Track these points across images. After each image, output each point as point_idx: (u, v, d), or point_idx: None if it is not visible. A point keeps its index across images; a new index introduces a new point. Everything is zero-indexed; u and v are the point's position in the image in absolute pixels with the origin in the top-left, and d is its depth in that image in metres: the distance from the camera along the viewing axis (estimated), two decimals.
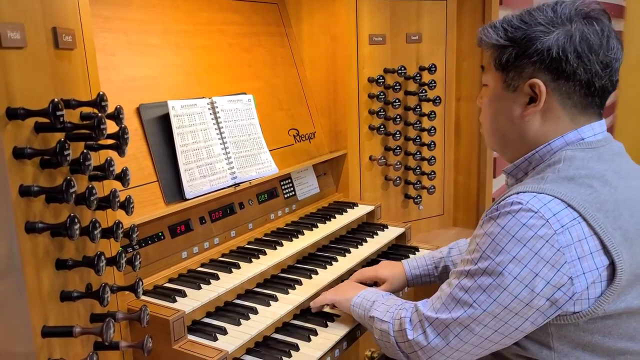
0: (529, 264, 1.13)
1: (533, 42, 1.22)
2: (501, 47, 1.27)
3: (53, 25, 1.12)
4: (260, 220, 2.14)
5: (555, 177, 1.20)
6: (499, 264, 1.16)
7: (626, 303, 1.15)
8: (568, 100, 1.24)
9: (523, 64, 1.24)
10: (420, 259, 1.87)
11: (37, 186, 1.01)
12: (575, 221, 1.13)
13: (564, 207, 1.14)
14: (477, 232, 1.26)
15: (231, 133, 2.00)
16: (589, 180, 1.18)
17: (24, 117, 0.99)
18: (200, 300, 1.60)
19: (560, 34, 1.20)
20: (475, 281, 1.20)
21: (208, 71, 2.07)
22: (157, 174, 1.75)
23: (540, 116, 1.27)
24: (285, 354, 1.53)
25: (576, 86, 1.22)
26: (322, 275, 1.90)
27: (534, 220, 1.13)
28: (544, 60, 1.21)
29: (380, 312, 1.46)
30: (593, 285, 1.13)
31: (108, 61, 1.70)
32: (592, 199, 1.15)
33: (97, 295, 1.16)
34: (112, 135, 1.20)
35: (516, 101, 1.29)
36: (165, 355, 1.47)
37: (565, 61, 1.19)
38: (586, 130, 1.26)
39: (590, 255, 1.12)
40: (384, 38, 2.50)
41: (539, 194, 1.16)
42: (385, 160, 2.57)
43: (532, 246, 1.12)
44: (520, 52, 1.24)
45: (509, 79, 1.28)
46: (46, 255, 1.07)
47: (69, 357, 1.12)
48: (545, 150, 1.28)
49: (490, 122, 1.38)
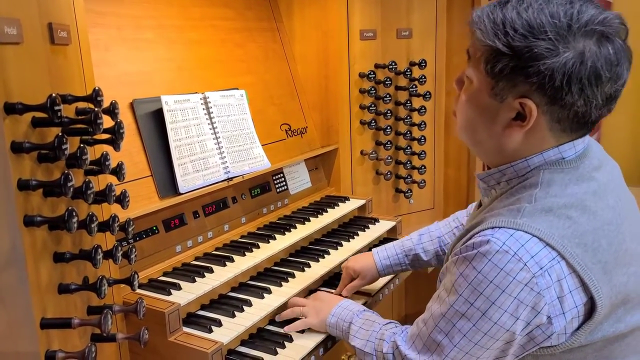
0: (509, 308, 1.08)
1: (536, 60, 1.04)
2: (497, 52, 1.08)
3: (49, 21, 1.13)
4: (253, 214, 2.16)
5: (532, 209, 1.11)
6: (478, 308, 1.11)
7: (602, 332, 1.13)
8: (557, 124, 1.12)
9: (518, 80, 1.08)
10: (390, 248, 1.84)
11: (35, 180, 1.02)
12: (554, 261, 1.07)
13: (542, 246, 1.07)
14: (451, 268, 1.18)
15: (224, 128, 2.01)
16: (567, 211, 1.10)
17: (22, 112, 1.00)
18: (195, 293, 1.62)
19: (569, 57, 1.03)
20: (454, 325, 1.15)
21: (201, 66, 2.08)
22: (151, 169, 1.77)
23: (524, 134, 1.14)
24: (279, 345, 1.56)
25: (570, 115, 1.10)
26: (314, 269, 1.93)
27: (512, 264, 1.06)
28: (543, 85, 1.05)
29: (361, 341, 1.43)
30: (571, 322, 1.10)
31: (101, 56, 1.71)
32: (570, 233, 1.08)
33: (95, 288, 1.18)
34: (108, 130, 1.21)
35: (500, 112, 1.14)
36: (160, 347, 1.49)
37: (567, 92, 1.05)
38: (567, 148, 1.16)
39: (569, 294, 1.08)
40: (374, 33, 2.53)
41: (516, 232, 1.08)
42: (376, 154, 2.60)
43: (511, 292, 1.07)
44: (519, 66, 1.06)
45: (497, 88, 1.12)
46: (44, 248, 1.09)
47: (67, 348, 1.13)
48: (521, 166, 1.18)
49: (466, 121, 1.23)
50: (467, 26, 1.17)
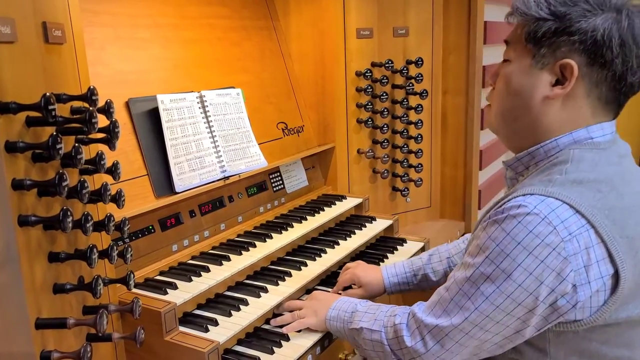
0: (535, 272, 1.09)
1: (578, 19, 1.13)
2: (539, 19, 1.17)
3: (43, 20, 1.13)
4: (250, 213, 2.16)
5: (563, 179, 1.15)
6: (503, 270, 1.12)
7: (627, 313, 1.14)
8: (595, 89, 1.17)
9: (560, 42, 1.15)
10: (399, 266, 1.82)
11: (29, 180, 1.02)
12: (584, 228, 1.09)
13: (572, 213, 1.10)
14: (479, 233, 1.20)
15: (220, 127, 2.01)
16: (597, 185, 1.14)
17: (16, 112, 1.00)
18: (191, 292, 1.61)
19: (608, 17, 1.13)
20: (478, 287, 1.16)
21: (197, 65, 2.07)
22: (147, 168, 1.76)
23: (562, 102, 1.20)
24: (276, 344, 1.55)
25: (608, 77, 1.15)
26: (311, 267, 1.93)
27: (541, 227, 1.08)
28: (584, 41, 1.13)
29: (368, 322, 1.41)
30: (597, 294, 1.11)
31: (97, 55, 1.70)
32: (600, 205, 1.11)
33: (90, 288, 1.17)
34: (103, 129, 1.21)
35: (541, 80, 1.20)
36: (157, 346, 1.49)
37: (608, 47, 1.12)
38: (596, 129, 1.20)
39: (596, 264, 1.09)
40: (371, 32, 2.52)
41: (547, 198, 1.11)
42: (373, 153, 2.60)
43: (538, 254, 1.08)
44: (561, 27, 1.14)
45: (539, 54, 1.19)
46: (39, 248, 1.08)
47: (62, 348, 1.13)
48: (550, 146, 1.22)
49: (504, 101, 1.28)
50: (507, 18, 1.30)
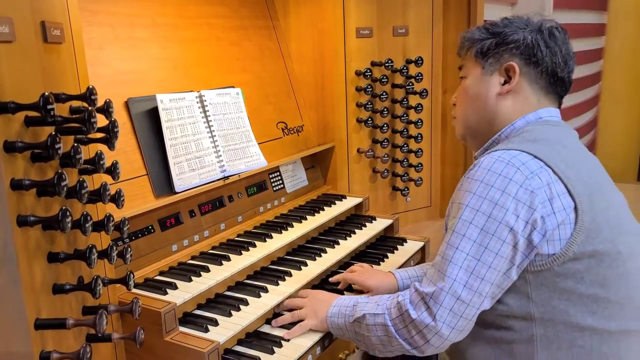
0: (510, 207, 1.26)
1: (511, 34, 1.46)
2: (483, 39, 1.50)
3: (41, 19, 1.12)
4: (250, 213, 2.15)
5: (520, 139, 1.38)
6: (484, 212, 1.29)
7: (593, 246, 1.27)
8: (535, 84, 1.47)
9: (501, 51, 1.47)
10: (410, 270, 1.85)
11: (28, 180, 1.01)
12: (542, 169, 1.29)
13: (530, 157, 1.30)
14: (455, 196, 1.39)
15: (220, 126, 2.01)
16: (549, 143, 1.35)
17: (14, 111, 0.99)
18: (191, 292, 1.61)
19: (532, 31, 1.46)
20: (463, 235, 1.30)
21: (196, 65, 2.07)
22: (147, 168, 1.76)
23: (512, 96, 1.47)
24: (276, 344, 1.55)
25: (542, 72, 1.45)
26: (311, 267, 1.92)
27: (507, 169, 1.28)
28: (519, 47, 1.45)
29: (370, 308, 1.45)
30: (562, 226, 1.27)
31: (95, 55, 1.70)
32: (554, 154, 1.32)
33: (90, 288, 1.17)
34: (102, 128, 1.20)
35: (492, 82, 1.49)
36: (157, 347, 1.48)
37: (537, 48, 1.43)
38: (543, 112, 1.46)
39: (557, 198, 1.27)
40: (371, 31, 2.52)
41: (508, 150, 1.33)
42: (373, 152, 2.59)
43: (510, 191, 1.27)
44: (500, 41, 1.47)
45: (487, 64, 1.49)
46: (38, 248, 1.08)
47: (61, 349, 1.13)
48: (509, 130, 1.47)
49: (466, 108, 1.55)
50: (460, 37, 1.59)
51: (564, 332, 1.31)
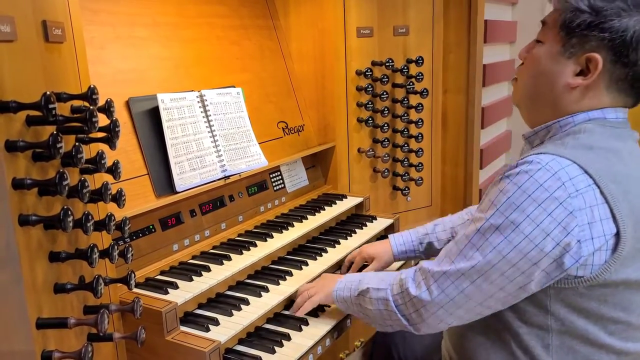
0: (542, 223, 1.15)
1: (612, 17, 1.20)
2: (577, 10, 1.24)
3: (43, 19, 1.12)
4: (251, 212, 2.15)
5: (575, 144, 1.23)
6: (512, 222, 1.18)
7: (626, 275, 1.19)
8: (615, 84, 1.26)
9: (591, 35, 1.22)
10: (406, 235, 1.93)
11: (30, 179, 1.01)
12: (590, 187, 1.16)
13: (580, 172, 1.17)
14: (491, 189, 1.27)
15: (220, 126, 2.01)
16: (605, 153, 1.22)
17: (16, 110, 0.99)
18: (192, 291, 1.61)
19: (638, 21, 1.19)
20: (487, 239, 1.22)
21: (197, 64, 2.07)
22: (147, 167, 1.76)
23: (582, 90, 1.28)
24: (277, 344, 1.55)
25: (629, 75, 1.24)
26: (312, 266, 1.92)
27: (551, 181, 1.15)
28: (614, 40, 1.20)
29: (375, 283, 1.47)
30: (599, 252, 1.16)
31: (96, 54, 1.70)
32: (607, 169, 1.18)
33: (91, 287, 1.17)
34: (104, 128, 1.20)
35: (566, 68, 1.28)
36: (158, 346, 1.48)
37: (634, 49, 1.20)
38: (610, 111, 1.29)
39: (599, 222, 1.15)
40: (371, 31, 2.52)
41: (559, 157, 1.19)
42: (373, 152, 2.59)
43: (546, 207, 1.15)
44: (595, 22, 1.21)
45: (569, 44, 1.26)
46: (39, 247, 1.08)
47: (63, 348, 1.13)
48: (566, 122, 1.31)
49: (530, 79, 1.37)
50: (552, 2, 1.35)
51: (581, 346, 1.26)
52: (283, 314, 1.74)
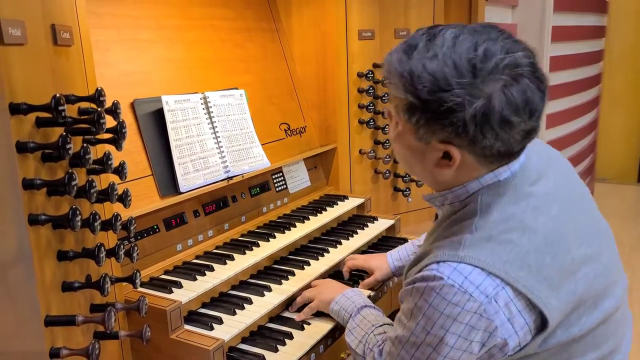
0: (463, 333, 1.11)
1: (447, 114, 1.07)
2: (411, 104, 1.11)
3: (52, 22, 1.15)
4: (253, 213, 2.17)
5: (472, 239, 1.14)
6: (435, 335, 1.14)
7: (556, 339, 1.17)
8: (483, 158, 1.15)
9: (436, 128, 1.11)
10: (402, 250, 1.94)
11: (39, 179, 1.03)
12: (499, 287, 1.10)
13: (485, 276, 1.09)
14: (407, 297, 1.20)
15: (224, 127, 2.03)
16: (507, 235, 1.13)
17: (27, 112, 1.01)
18: (196, 291, 1.63)
19: (478, 107, 1.05)
20: (417, 348, 1.18)
21: (200, 66, 2.09)
22: (152, 168, 1.78)
23: (455, 170, 1.18)
24: (280, 342, 1.57)
25: (493, 151, 1.12)
26: (314, 266, 1.94)
27: (459, 296, 1.09)
28: (458, 134, 1.09)
29: (354, 341, 1.47)
30: (524, 337, 1.14)
31: (102, 57, 1.72)
32: (513, 257, 1.11)
33: (98, 286, 1.19)
34: (110, 129, 1.23)
35: (428, 153, 1.18)
36: (162, 344, 1.50)
37: (483, 137, 1.08)
38: (502, 171, 1.18)
39: (519, 314, 1.11)
40: (373, 33, 2.54)
41: (459, 264, 1.11)
42: (374, 153, 2.61)
43: (462, 319, 1.10)
44: (433, 118, 1.10)
45: (419, 133, 1.15)
46: (48, 246, 1.10)
47: (70, 346, 1.15)
48: (460, 192, 1.22)
49: (400, 157, 1.29)
50: (383, 62, 1.23)
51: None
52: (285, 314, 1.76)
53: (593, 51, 5.87)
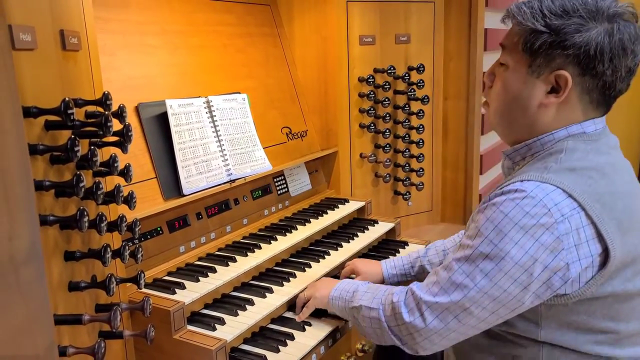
0: (530, 250, 1.18)
1: (572, 34, 1.20)
2: (536, 31, 1.23)
3: (60, 28, 1.17)
4: (255, 215, 2.20)
5: (558, 167, 1.24)
6: (501, 249, 1.20)
7: (612, 287, 1.22)
8: (586, 95, 1.27)
9: (555, 54, 1.23)
10: (398, 259, 1.92)
11: (48, 181, 1.06)
12: (575, 211, 1.18)
13: (565, 197, 1.19)
14: (477, 216, 1.28)
15: (226, 131, 2.06)
16: (588, 172, 1.23)
17: (36, 116, 1.04)
18: (199, 292, 1.65)
19: (600, 31, 1.19)
20: (477, 266, 1.23)
21: (204, 71, 2.12)
22: (156, 171, 1.81)
23: (556, 107, 1.29)
24: (281, 343, 1.59)
25: (599, 85, 1.24)
26: (315, 269, 1.97)
27: (537, 209, 1.17)
28: (578, 55, 1.21)
29: (367, 300, 1.48)
30: (585, 271, 1.19)
31: (107, 61, 1.75)
32: (591, 190, 1.20)
33: (104, 286, 1.21)
34: (117, 132, 1.25)
35: (536, 88, 1.28)
36: (166, 344, 1.53)
37: (599, 60, 1.20)
38: (588, 124, 1.30)
39: (586, 243, 1.18)
40: (373, 39, 2.57)
41: (543, 183, 1.20)
42: (375, 157, 2.64)
43: (533, 233, 1.17)
44: (557, 41, 1.21)
45: (535, 64, 1.26)
46: (56, 247, 1.13)
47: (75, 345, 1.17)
48: (547, 139, 1.31)
49: (502, 104, 1.36)
50: (509, 7, 1.31)
51: (570, 355, 1.29)
52: (287, 315, 1.78)
53: None
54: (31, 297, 0.77)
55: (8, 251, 0.73)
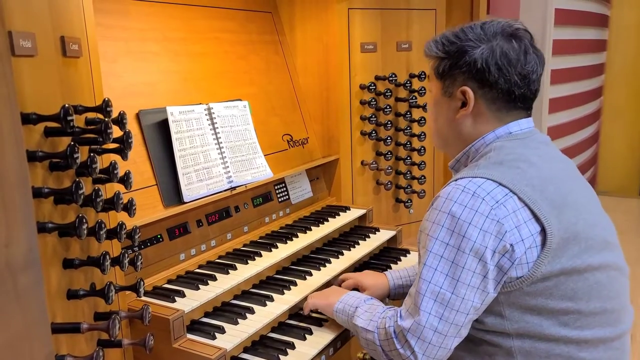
0: (477, 239, 1.27)
1: (463, 55, 1.40)
2: (439, 58, 1.46)
3: (61, 34, 1.17)
4: (256, 223, 2.19)
5: (487, 163, 1.37)
6: (453, 245, 1.30)
7: (561, 265, 1.29)
8: (493, 105, 1.42)
9: (455, 74, 1.43)
10: (403, 270, 1.94)
11: (47, 188, 1.05)
12: (507, 196, 1.29)
13: (495, 185, 1.30)
14: (423, 224, 1.38)
15: (227, 138, 2.05)
16: (515, 163, 1.34)
17: (36, 122, 1.04)
18: (199, 300, 1.64)
19: (485, 49, 1.38)
20: (435, 269, 1.32)
21: (205, 78, 2.12)
22: (156, 178, 1.80)
23: (472, 118, 1.45)
24: (282, 352, 1.58)
25: (498, 93, 1.40)
26: (316, 277, 1.95)
27: (473, 200, 1.29)
28: (471, 71, 1.39)
29: (364, 321, 1.51)
30: (530, 250, 1.28)
31: (108, 68, 1.75)
32: (519, 177, 1.31)
33: (103, 294, 1.21)
34: (117, 139, 1.25)
35: (451, 105, 1.47)
36: (165, 353, 1.51)
37: (488, 72, 1.38)
38: (513, 125, 1.43)
39: (524, 224, 1.28)
40: (375, 46, 2.57)
41: (474, 178, 1.32)
42: (376, 165, 2.63)
43: (476, 223, 1.27)
44: (453, 63, 1.42)
45: (445, 86, 1.46)
46: (54, 254, 1.12)
47: (74, 353, 1.16)
48: (479, 144, 1.45)
49: (434, 124, 1.56)
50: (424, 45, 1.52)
51: (540, 343, 1.33)
52: (287, 323, 1.77)
53: (594, 64, 5.91)
54: (29, 305, 0.77)
55: (5, 258, 0.73)
